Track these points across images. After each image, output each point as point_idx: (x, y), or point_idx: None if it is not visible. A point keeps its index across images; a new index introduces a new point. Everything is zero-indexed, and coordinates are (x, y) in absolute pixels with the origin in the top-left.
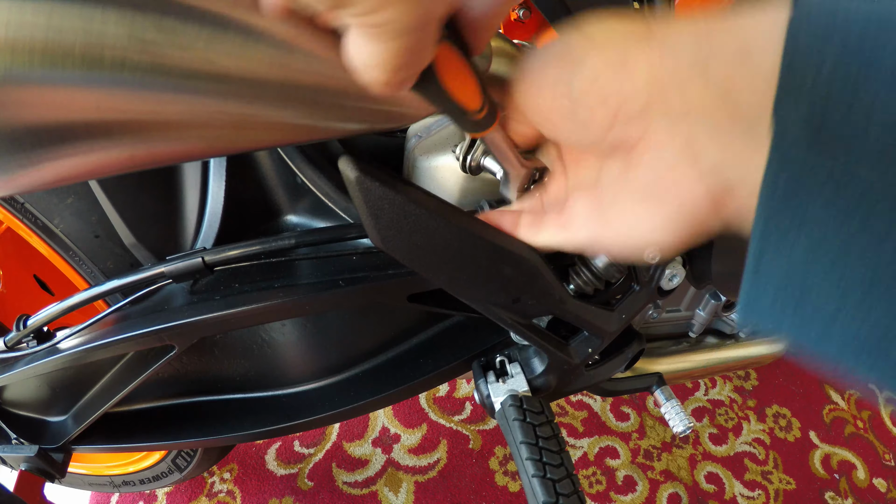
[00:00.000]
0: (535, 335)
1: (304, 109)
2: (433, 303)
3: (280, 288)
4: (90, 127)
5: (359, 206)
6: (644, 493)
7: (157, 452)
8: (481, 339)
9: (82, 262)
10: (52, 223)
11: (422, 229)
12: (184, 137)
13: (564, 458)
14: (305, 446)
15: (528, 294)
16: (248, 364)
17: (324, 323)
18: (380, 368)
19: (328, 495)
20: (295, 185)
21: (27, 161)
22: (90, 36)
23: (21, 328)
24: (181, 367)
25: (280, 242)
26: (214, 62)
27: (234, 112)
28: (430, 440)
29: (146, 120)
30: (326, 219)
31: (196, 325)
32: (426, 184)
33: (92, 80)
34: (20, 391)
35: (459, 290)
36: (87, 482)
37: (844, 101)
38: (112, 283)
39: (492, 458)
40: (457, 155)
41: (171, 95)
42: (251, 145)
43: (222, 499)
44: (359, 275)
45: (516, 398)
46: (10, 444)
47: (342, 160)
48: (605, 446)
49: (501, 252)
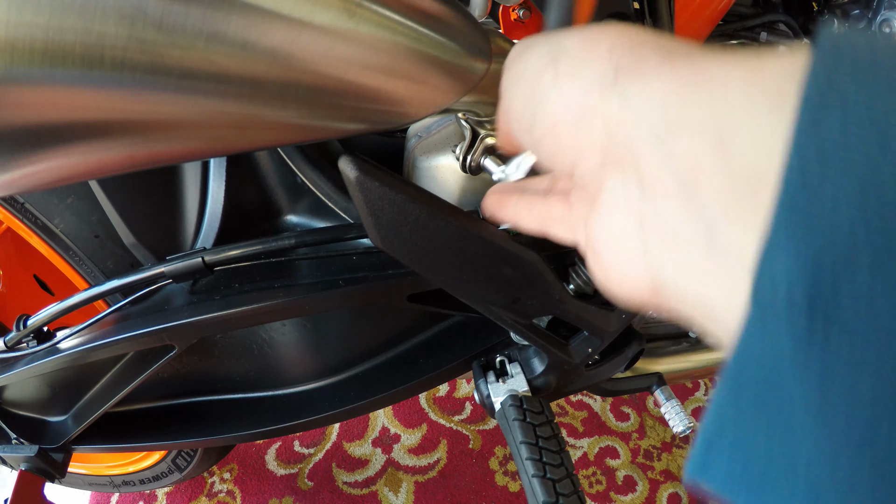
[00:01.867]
0: (535, 335)
1: (304, 109)
2: (433, 303)
3: (280, 288)
4: (90, 127)
5: (359, 206)
6: (644, 493)
7: (157, 452)
8: (481, 339)
9: (82, 262)
10: (52, 223)
11: (422, 229)
12: (184, 137)
13: (564, 458)
14: (305, 446)
15: (528, 294)
16: (248, 364)
17: (324, 323)
18: (380, 368)
19: (328, 495)
20: (295, 185)
21: (27, 161)
22: (90, 36)
23: (21, 328)
24: (181, 367)
25: (280, 242)
26: (214, 62)
27: (234, 112)
28: (430, 440)
29: (146, 120)
30: (326, 219)
31: (196, 325)
32: (426, 184)
33: (92, 80)
34: (20, 391)
35: (459, 290)
36: (87, 482)
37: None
38: (112, 283)
39: (492, 458)
40: (457, 155)
41: (171, 95)
42: (251, 145)
43: (222, 499)
44: (359, 275)
45: (516, 398)
46: (10, 444)
47: (342, 160)
48: (605, 446)
49: (501, 252)
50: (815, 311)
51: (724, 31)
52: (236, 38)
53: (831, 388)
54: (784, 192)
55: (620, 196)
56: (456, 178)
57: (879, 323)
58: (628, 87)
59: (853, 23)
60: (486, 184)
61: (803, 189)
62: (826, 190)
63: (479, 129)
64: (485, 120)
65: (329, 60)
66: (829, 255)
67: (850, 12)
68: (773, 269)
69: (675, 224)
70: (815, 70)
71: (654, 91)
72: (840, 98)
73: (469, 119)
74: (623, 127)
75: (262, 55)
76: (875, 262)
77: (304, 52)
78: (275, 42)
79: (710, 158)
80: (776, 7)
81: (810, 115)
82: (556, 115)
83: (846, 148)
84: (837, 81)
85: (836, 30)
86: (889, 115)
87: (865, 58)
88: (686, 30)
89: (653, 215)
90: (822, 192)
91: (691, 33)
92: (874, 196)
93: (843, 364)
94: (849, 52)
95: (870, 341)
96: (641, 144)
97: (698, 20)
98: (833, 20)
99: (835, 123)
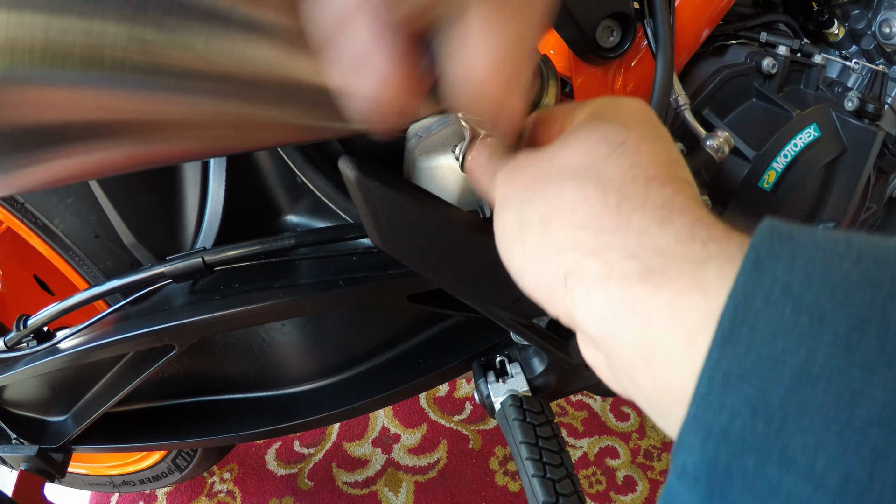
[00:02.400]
0: (535, 335)
1: (304, 109)
2: (433, 303)
3: (280, 288)
4: (90, 127)
5: (359, 206)
6: (644, 493)
7: (157, 452)
8: (481, 339)
9: (82, 262)
10: (52, 223)
11: (422, 229)
12: (184, 137)
13: (564, 458)
14: (305, 446)
15: None
16: (248, 364)
17: (324, 323)
18: (380, 368)
19: (328, 495)
20: (295, 185)
21: (27, 161)
22: (90, 36)
23: (21, 328)
24: (181, 367)
25: (280, 242)
26: (214, 62)
27: (234, 112)
28: (430, 440)
29: (146, 120)
30: (326, 219)
31: (196, 325)
32: (426, 184)
33: (92, 81)
34: (20, 391)
35: (459, 290)
36: (87, 482)
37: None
38: (112, 283)
39: (492, 458)
40: (456, 155)
41: (171, 95)
42: (251, 145)
43: (222, 499)
44: (359, 275)
45: (516, 398)
46: (10, 444)
47: (342, 160)
48: (605, 446)
49: None
50: (713, 489)
51: (724, 31)
52: (237, 38)
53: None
54: (693, 405)
55: (590, 348)
56: (456, 178)
57: (761, 501)
58: (576, 292)
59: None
60: None
61: (705, 407)
62: (724, 407)
63: (478, 129)
64: None
65: None
66: (723, 455)
67: (850, 12)
68: (682, 458)
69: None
70: (732, 300)
71: (594, 308)
72: (748, 330)
73: (469, 119)
74: (578, 318)
75: (263, 55)
76: (758, 463)
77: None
78: (275, 42)
79: (642, 372)
80: (776, 7)
81: (720, 346)
82: (531, 287)
83: (745, 376)
84: (752, 310)
85: (771, 236)
86: (787, 353)
87: (782, 283)
88: (686, 30)
89: (615, 377)
90: (721, 408)
91: (691, 33)
92: (761, 412)
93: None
94: (768, 278)
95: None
96: (594, 339)
97: (698, 20)
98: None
99: (739, 354)
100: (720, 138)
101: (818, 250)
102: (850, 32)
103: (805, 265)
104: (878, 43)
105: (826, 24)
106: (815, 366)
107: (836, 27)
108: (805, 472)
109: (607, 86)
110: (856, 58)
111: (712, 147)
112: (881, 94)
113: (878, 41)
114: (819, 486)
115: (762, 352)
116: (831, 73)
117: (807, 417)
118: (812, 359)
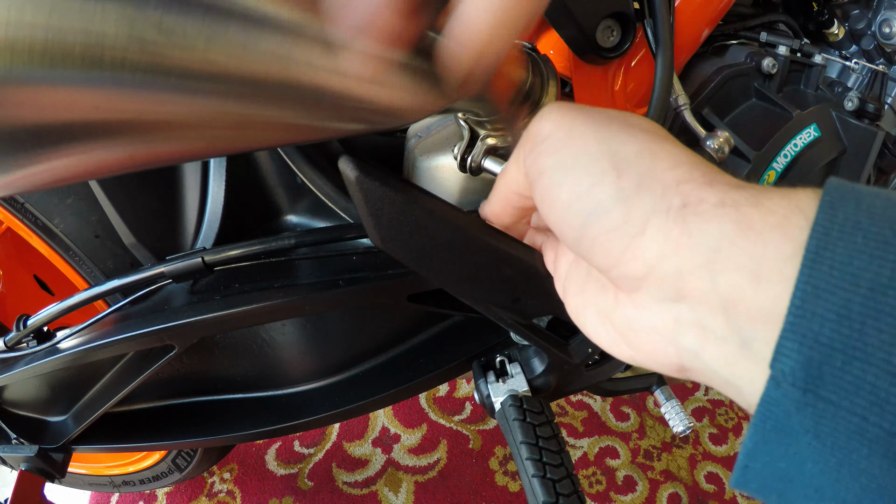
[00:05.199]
0: (535, 335)
1: (304, 109)
2: (433, 303)
3: (280, 288)
4: (90, 127)
5: (359, 206)
6: (644, 493)
7: (157, 452)
8: (481, 339)
9: (82, 262)
10: (52, 223)
11: (422, 229)
12: (184, 137)
13: (564, 458)
14: (305, 446)
15: (528, 294)
16: (248, 364)
17: (324, 323)
18: (380, 368)
19: (328, 495)
20: (295, 185)
21: (27, 161)
22: (90, 36)
23: (21, 328)
24: (181, 367)
25: (280, 242)
26: (214, 62)
27: (234, 112)
28: (430, 440)
29: (146, 120)
30: (326, 219)
31: (196, 325)
32: (426, 184)
33: (92, 80)
34: (20, 391)
35: (459, 290)
36: (87, 482)
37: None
38: (112, 283)
39: (492, 458)
40: (455, 155)
41: (171, 95)
42: (251, 145)
43: (222, 499)
44: (359, 275)
45: (516, 398)
46: (10, 444)
47: (342, 160)
48: (605, 446)
49: (501, 252)
50: (808, 389)
51: (724, 31)
52: (237, 38)
53: (820, 431)
54: (790, 314)
55: (659, 302)
56: (456, 178)
57: (847, 396)
58: (691, 223)
59: (853, 23)
60: (487, 184)
61: (801, 315)
62: (816, 315)
63: (478, 130)
64: (485, 120)
65: (330, 59)
66: (815, 357)
67: (850, 12)
68: (781, 364)
69: (717, 331)
70: (815, 231)
71: (711, 231)
72: (830, 254)
73: (469, 119)
74: (677, 252)
75: (263, 55)
76: (845, 361)
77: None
78: (275, 43)
79: (747, 290)
80: (776, 7)
81: (810, 267)
82: (614, 226)
83: (831, 289)
84: (831, 238)
85: (838, 188)
86: (862, 270)
87: (852, 220)
88: (686, 30)
89: (695, 321)
90: (813, 317)
91: (691, 33)
92: (846, 317)
93: (827, 417)
94: (841, 215)
95: (841, 406)
96: (691, 270)
97: (698, 20)
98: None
99: (824, 272)
100: (720, 138)
101: (877, 197)
102: (850, 32)
103: (868, 207)
104: (878, 43)
105: (826, 24)
106: (884, 278)
107: (836, 27)
108: (884, 366)
109: (607, 86)
110: (856, 58)
111: (712, 147)
112: (881, 94)
113: (878, 41)
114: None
115: (844, 269)
116: (831, 73)
117: (882, 319)
118: (882, 273)
